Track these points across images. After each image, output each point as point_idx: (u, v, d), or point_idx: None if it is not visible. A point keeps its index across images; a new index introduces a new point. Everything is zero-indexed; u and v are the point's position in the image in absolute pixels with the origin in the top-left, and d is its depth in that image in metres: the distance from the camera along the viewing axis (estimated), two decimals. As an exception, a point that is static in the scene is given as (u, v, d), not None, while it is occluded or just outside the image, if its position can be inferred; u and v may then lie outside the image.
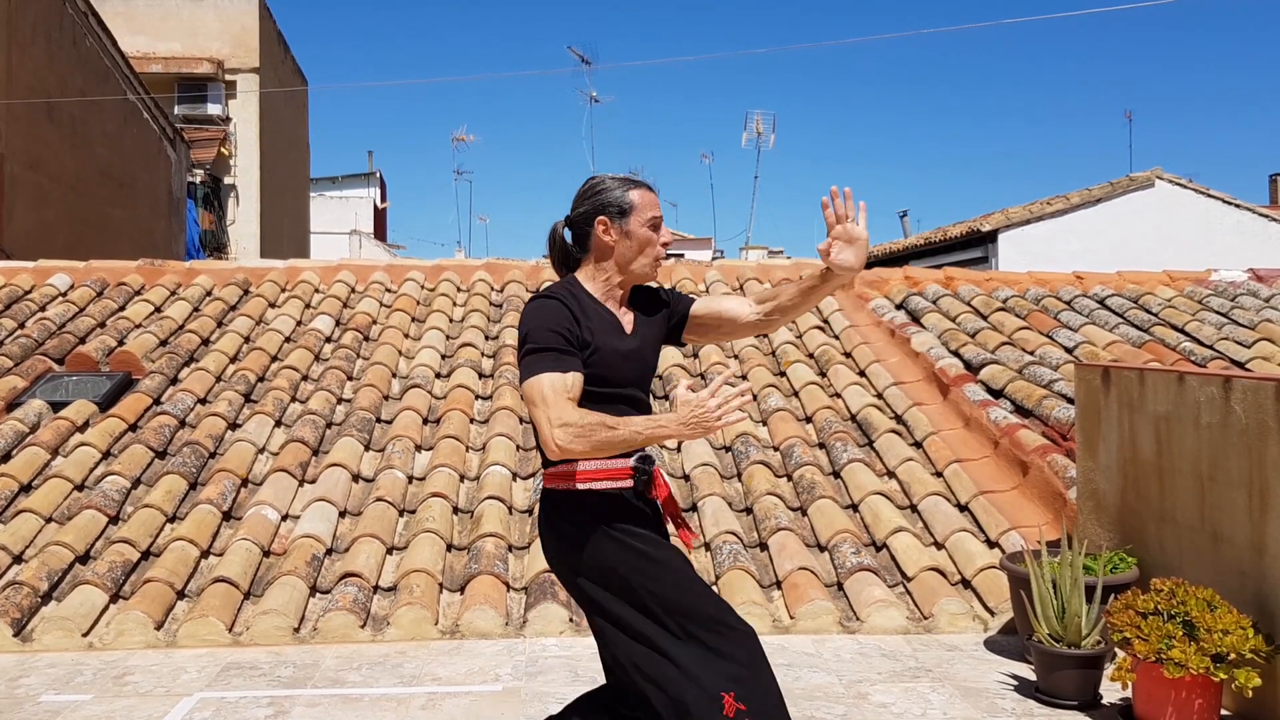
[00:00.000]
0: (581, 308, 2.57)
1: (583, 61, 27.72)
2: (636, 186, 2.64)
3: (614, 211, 2.61)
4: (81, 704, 3.87)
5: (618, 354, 2.58)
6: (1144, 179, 15.59)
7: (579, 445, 2.41)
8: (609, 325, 2.60)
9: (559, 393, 2.45)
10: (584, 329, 2.54)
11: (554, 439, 2.41)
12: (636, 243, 2.61)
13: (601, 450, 2.43)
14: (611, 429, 2.40)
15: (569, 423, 2.41)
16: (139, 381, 7.13)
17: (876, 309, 8.41)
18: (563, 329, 2.51)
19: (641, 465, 2.56)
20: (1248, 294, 8.74)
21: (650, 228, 2.63)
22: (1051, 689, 3.82)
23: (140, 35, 23.30)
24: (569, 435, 2.40)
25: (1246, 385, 3.66)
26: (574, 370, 2.49)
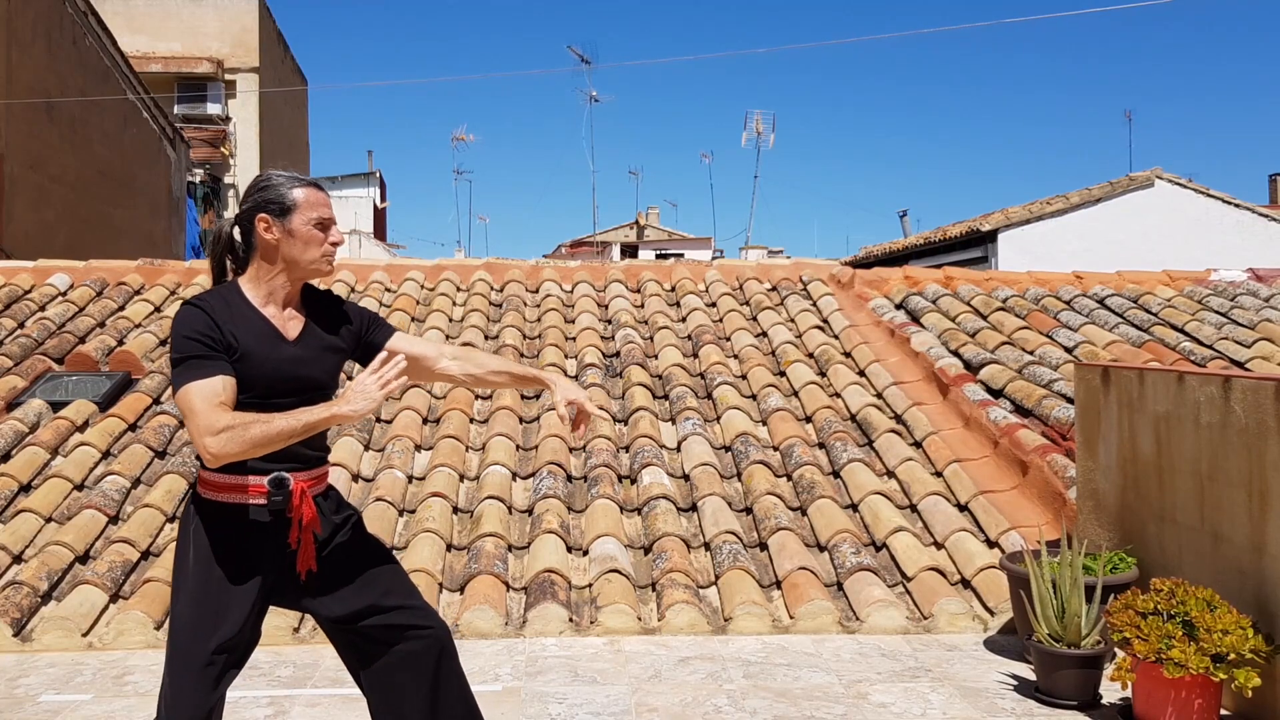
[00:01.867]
0: (231, 313, 2.50)
1: (583, 61, 27.74)
2: (303, 185, 2.57)
3: (275, 209, 2.53)
4: (81, 704, 3.87)
5: (269, 361, 2.49)
6: (1144, 179, 15.59)
7: (234, 447, 2.35)
8: (262, 332, 2.52)
9: (207, 399, 2.37)
10: (227, 334, 2.45)
11: (207, 448, 2.35)
12: (300, 240, 2.53)
13: (261, 446, 2.36)
14: (266, 421, 2.35)
15: (220, 427, 2.34)
16: (139, 381, 7.13)
17: (876, 309, 8.41)
18: (201, 335, 2.43)
19: (275, 488, 2.48)
20: (1247, 294, 8.73)
21: (316, 226, 2.55)
22: (1051, 689, 3.82)
23: (140, 35, 23.31)
24: (221, 441, 2.34)
25: (1246, 385, 3.66)
26: (221, 374, 2.41)
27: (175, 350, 2.44)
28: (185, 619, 2.48)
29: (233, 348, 2.45)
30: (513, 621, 4.67)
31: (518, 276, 9.26)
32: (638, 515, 5.60)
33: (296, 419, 2.38)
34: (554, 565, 4.92)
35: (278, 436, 2.37)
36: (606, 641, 4.51)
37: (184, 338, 2.43)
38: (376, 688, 2.68)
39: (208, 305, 2.48)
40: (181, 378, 2.41)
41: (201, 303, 2.49)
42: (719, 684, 4.01)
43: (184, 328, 2.44)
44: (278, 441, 2.38)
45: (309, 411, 2.40)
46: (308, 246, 2.55)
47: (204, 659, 2.45)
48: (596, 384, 7.04)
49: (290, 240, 2.53)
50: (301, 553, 2.52)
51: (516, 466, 6.05)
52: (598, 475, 5.82)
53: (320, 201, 2.58)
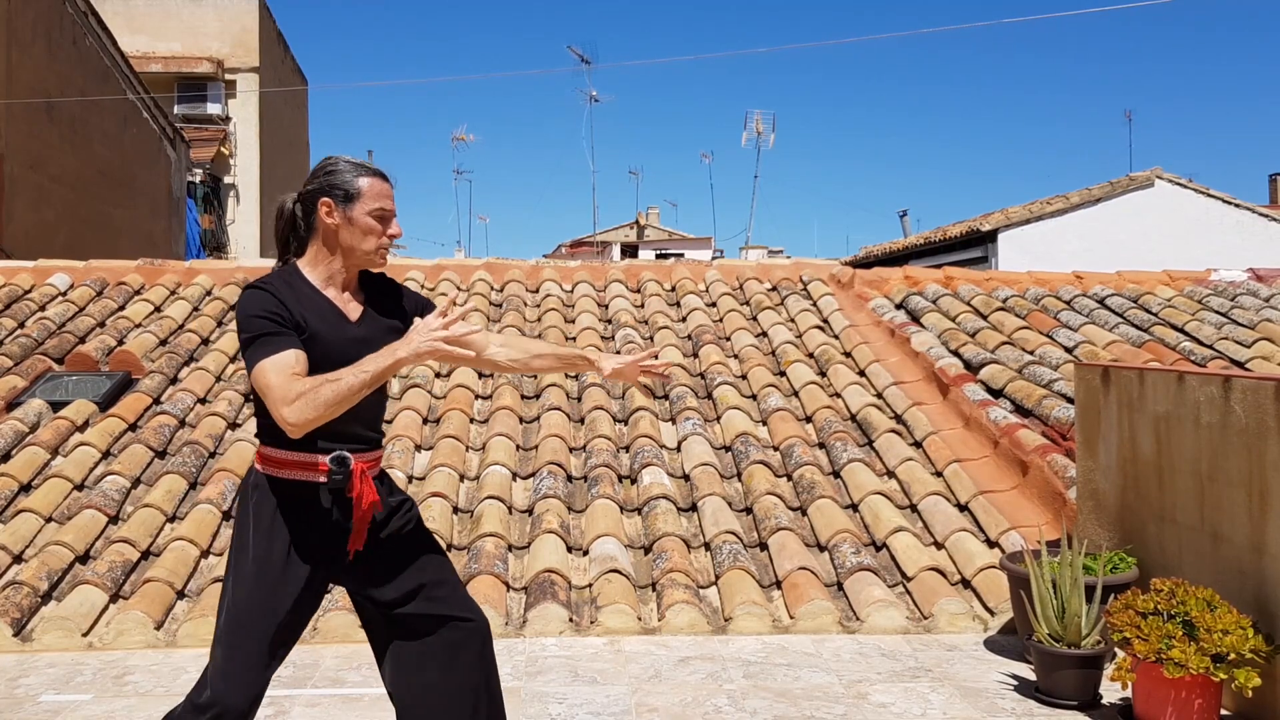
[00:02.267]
0: (295, 295, 2.51)
1: (583, 61, 27.75)
2: (369, 174, 2.57)
3: (339, 195, 2.54)
4: (81, 704, 3.87)
5: (337, 341, 2.50)
6: (1144, 179, 15.59)
7: (311, 412, 2.34)
8: (327, 312, 2.54)
9: (282, 372, 2.37)
10: (296, 315, 2.46)
11: (285, 419, 2.35)
12: (359, 230, 2.54)
13: (335, 405, 2.35)
14: (335, 379, 2.35)
15: (293, 395, 2.34)
16: (139, 381, 7.13)
17: (876, 309, 8.41)
18: (269, 313, 2.43)
19: (335, 465, 2.49)
20: (1247, 294, 8.73)
21: (376, 218, 2.55)
22: (1051, 689, 3.82)
23: (140, 35, 23.31)
24: (297, 408, 2.34)
25: (1246, 385, 3.66)
26: (293, 347, 2.41)
27: (244, 330, 2.45)
28: (244, 595, 2.49)
29: (301, 327, 2.46)
30: (513, 621, 4.67)
31: (518, 276, 9.26)
32: (638, 515, 5.60)
33: (363, 369, 2.37)
34: (554, 565, 4.92)
35: (349, 391, 2.35)
36: (606, 641, 4.52)
37: (251, 317, 2.44)
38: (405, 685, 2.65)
39: (272, 286, 2.50)
40: (254, 356, 2.41)
41: (266, 284, 2.51)
42: (719, 684, 4.01)
43: (251, 307, 2.45)
44: (350, 397, 2.36)
45: (372, 360, 2.38)
46: (366, 236, 2.55)
47: (263, 635, 2.47)
48: (597, 384, 7.05)
49: (350, 228, 2.54)
50: (355, 533, 2.53)
51: (516, 466, 6.05)
52: (598, 475, 5.82)
53: (383, 193, 2.57)
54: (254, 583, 2.49)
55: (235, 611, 2.50)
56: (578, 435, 6.50)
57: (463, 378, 7.13)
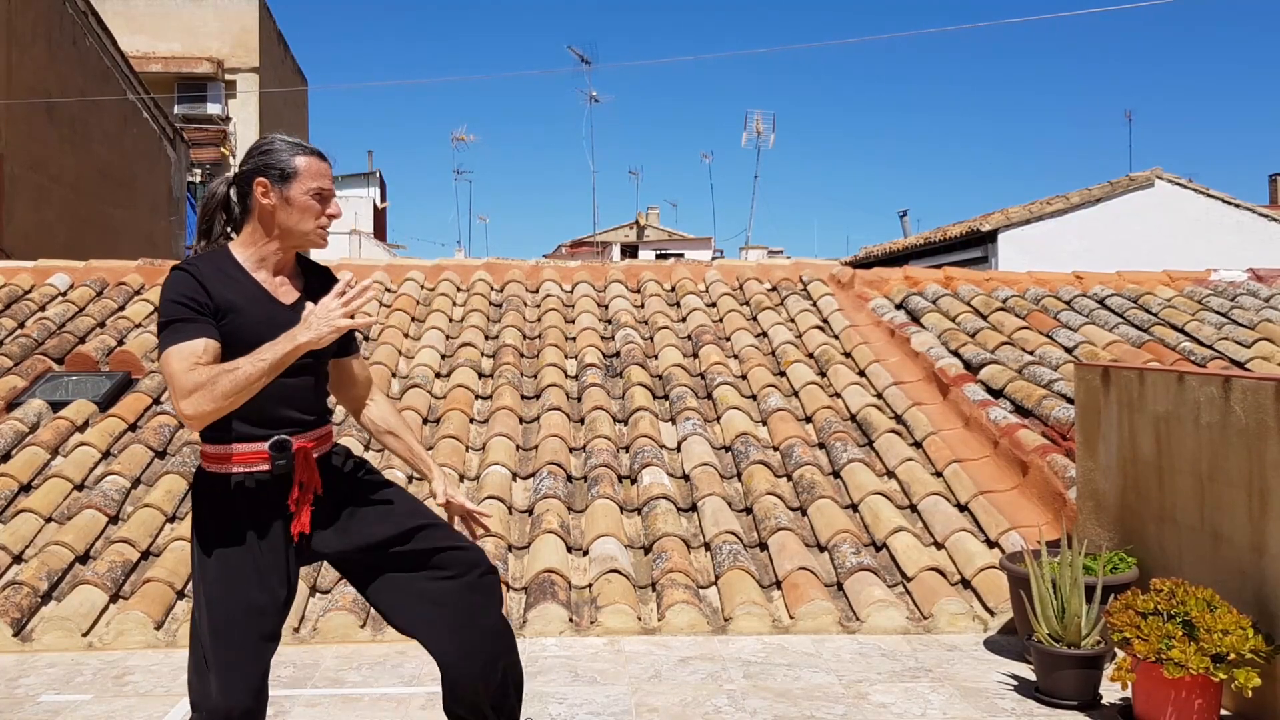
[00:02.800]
0: (221, 277, 2.47)
1: (583, 61, 27.74)
2: (306, 153, 2.52)
3: (275, 174, 2.49)
4: (81, 704, 3.87)
5: (262, 324, 2.43)
6: (1144, 179, 15.60)
7: (208, 404, 2.31)
8: (254, 295, 2.49)
9: (185, 360, 2.34)
10: (215, 296, 2.42)
11: (182, 410, 2.33)
12: (296, 209, 2.49)
13: (233, 395, 2.32)
14: (232, 369, 2.32)
15: (191, 387, 2.31)
16: (139, 381, 7.13)
17: (876, 309, 8.41)
18: (187, 298, 2.40)
19: (277, 452, 2.46)
20: (1247, 294, 8.73)
21: (314, 196, 2.50)
22: (1051, 689, 3.82)
23: (140, 35, 23.31)
24: (194, 400, 2.31)
25: (1246, 385, 3.66)
26: (204, 335, 2.37)
27: (161, 315, 2.42)
28: (216, 597, 2.46)
29: (220, 311, 2.42)
30: (512, 621, 4.66)
31: (518, 276, 9.26)
32: (638, 515, 5.60)
33: (260, 357, 2.33)
34: (554, 565, 4.92)
35: (247, 381, 2.32)
36: (606, 641, 4.52)
37: (169, 301, 2.41)
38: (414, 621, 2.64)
39: (196, 269, 2.45)
40: (164, 342, 2.38)
41: (190, 266, 2.46)
42: (719, 684, 4.01)
43: (170, 291, 2.42)
44: (249, 386, 2.33)
45: (269, 347, 2.34)
46: (304, 216, 2.51)
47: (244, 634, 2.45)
48: (596, 384, 7.05)
49: (287, 208, 2.50)
50: (297, 515, 2.50)
51: (516, 466, 6.05)
52: (598, 475, 5.82)
53: (321, 171, 2.53)
54: (224, 587, 2.46)
55: (214, 620, 2.45)
56: (578, 435, 6.50)
57: (462, 378, 7.13)
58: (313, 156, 2.53)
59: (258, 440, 2.46)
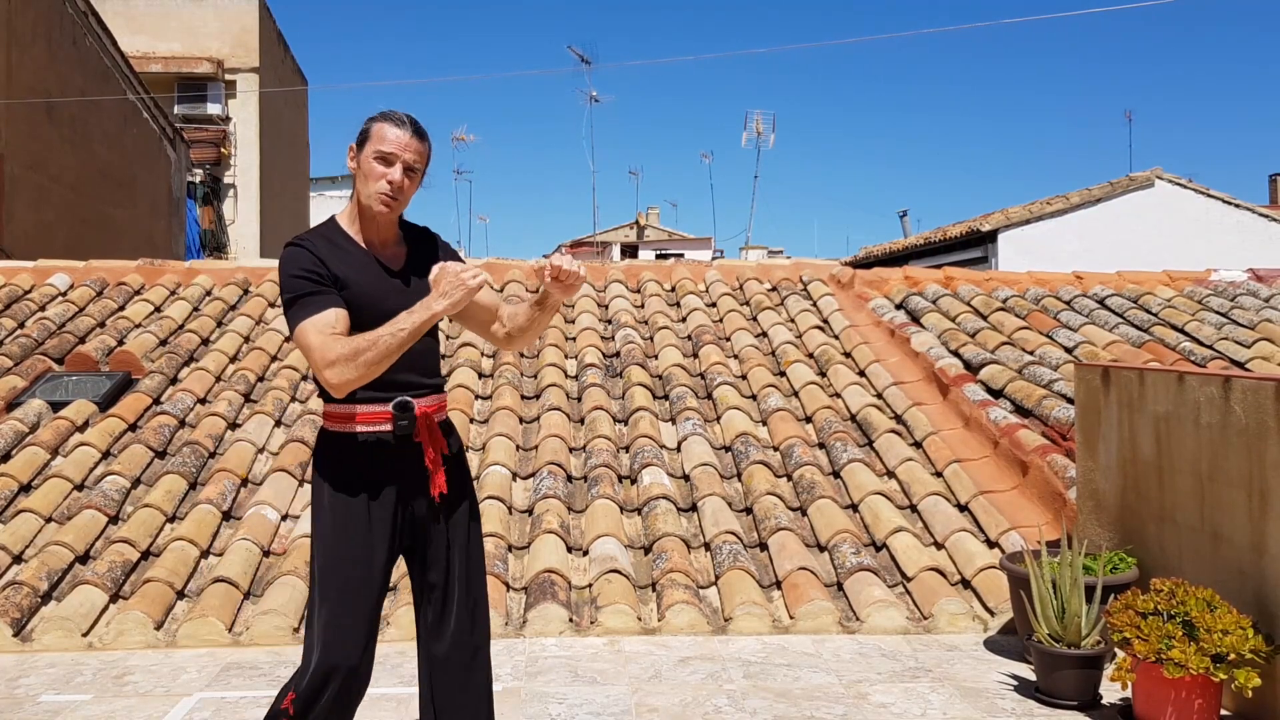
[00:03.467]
0: (332, 248, 2.52)
1: (583, 61, 27.74)
2: (388, 120, 2.54)
3: (358, 140, 2.55)
4: (81, 704, 3.87)
5: (376, 292, 2.51)
6: (1144, 179, 15.60)
7: (352, 372, 2.37)
8: (364, 264, 2.54)
9: (322, 332, 2.40)
10: (332, 268, 2.47)
11: (329, 380, 2.39)
12: (364, 174, 2.53)
13: (378, 363, 2.38)
14: (373, 338, 2.37)
15: (334, 356, 2.37)
16: (139, 381, 7.13)
17: (876, 309, 8.41)
18: (307, 271, 2.45)
19: (399, 412, 2.51)
20: (1247, 294, 8.73)
21: (378, 160, 2.51)
22: (1051, 689, 3.82)
23: (140, 35, 23.29)
24: (338, 370, 2.37)
25: (1246, 385, 3.66)
26: (333, 306, 2.44)
27: (285, 291, 2.47)
28: (332, 554, 2.51)
29: (340, 281, 2.47)
30: (513, 622, 4.66)
31: (518, 277, 9.26)
32: (638, 515, 5.60)
33: (398, 326, 2.38)
34: (554, 565, 4.92)
35: (386, 350, 2.37)
36: (606, 642, 4.51)
37: (291, 277, 2.46)
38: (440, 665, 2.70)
39: (309, 243, 2.51)
40: (296, 317, 2.44)
41: (303, 241, 2.52)
42: (719, 684, 4.01)
43: (290, 267, 2.47)
44: (389, 355, 2.39)
45: (406, 316, 2.40)
46: (368, 180, 2.53)
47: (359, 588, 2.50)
48: (597, 384, 7.05)
49: (360, 173, 2.55)
50: (434, 475, 2.56)
51: (516, 466, 6.05)
52: (598, 475, 5.82)
53: (388, 137, 2.52)
54: (338, 539, 2.51)
55: (326, 573, 2.51)
56: (577, 435, 6.50)
57: (462, 378, 7.13)
58: (388, 123, 2.53)
59: (380, 402, 2.51)
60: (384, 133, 2.52)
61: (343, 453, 2.53)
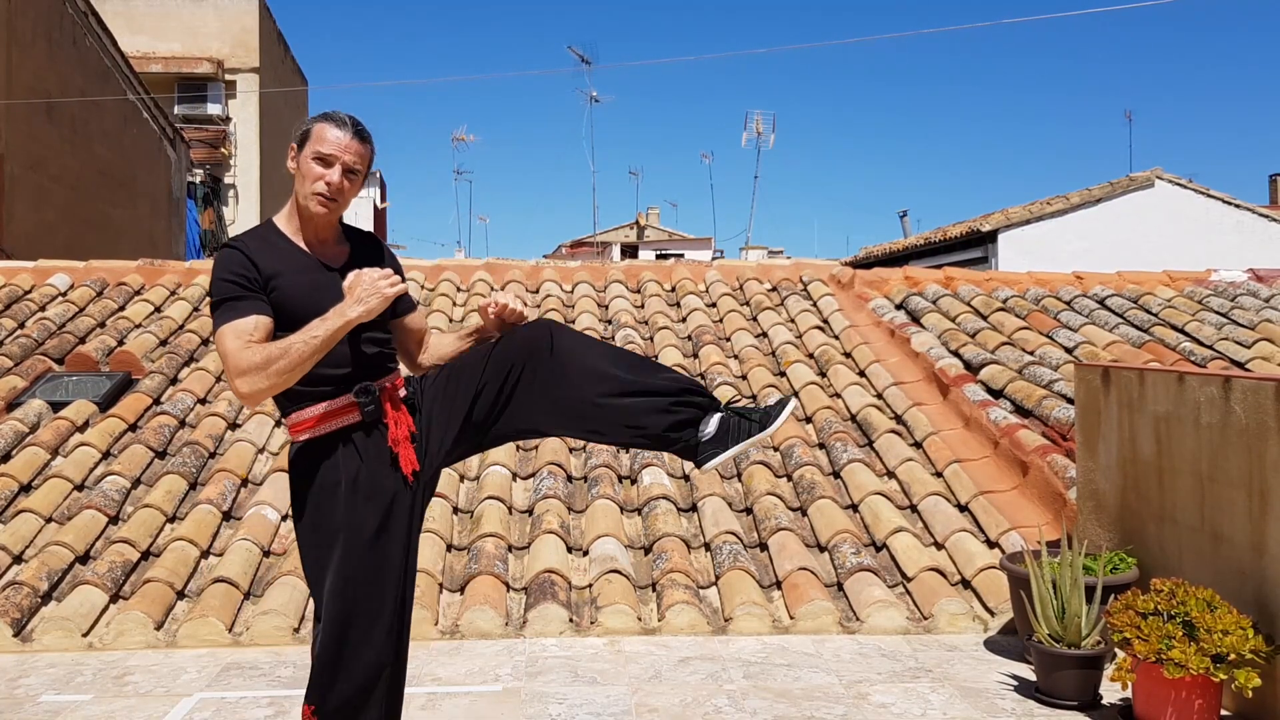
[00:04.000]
0: (268, 248, 2.48)
1: (583, 61, 27.74)
2: (329, 121, 2.49)
3: (298, 139, 2.51)
4: (81, 704, 3.87)
5: (311, 290, 2.44)
6: (1144, 179, 15.59)
7: (264, 381, 2.33)
8: (298, 262, 2.49)
9: (239, 338, 2.36)
10: (262, 268, 2.43)
11: (239, 389, 2.35)
12: (303, 173, 2.48)
13: (291, 370, 2.33)
14: (285, 346, 2.33)
15: (245, 365, 2.32)
16: (139, 381, 7.13)
17: (876, 309, 8.41)
18: (235, 274, 2.41)
19: (363, 398, 2.46)
20: (1248, 294, 8.73)
21: (317, 161, 2.46)
22: (1051, 689, 3.82)
23: (140, 35, 23.30)
24: (249, 380, 2.32)
25: (1246, 385, 3.66)
26: (255, 313, 2.39)
27: (212, 293, 2.43)
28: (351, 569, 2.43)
29: (268, 280, 2.43)
30: (513, 622, 4.66)
31: (518, 277, 9.26)
32: (638, 515, 5.60)
33: (311, 333, 2.34)
34: (554, 565, 4.92)
35: (300, 358, 2.33)
36: (606, 642, 4.51)
37: (219, 280, 2.43)
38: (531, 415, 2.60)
39: (243, 244, 2.47)
40: (217, 321, 2.40)
41: (237, 242, 2.49)
42: (719, 684, 4.01)
43: (220, 270, 2.43)
44: (303, 362, 2.35)
45: (320, 323, 2.36)
46: (305, 180, 2.49)
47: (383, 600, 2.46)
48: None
49: (298, 173, 2.51)
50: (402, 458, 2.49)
51: (516, 467, 6.05)
52: (598, 475, 5.82)
53: (328, 138, 2.47)
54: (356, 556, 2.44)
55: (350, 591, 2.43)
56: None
57: (463, 378, 7.12)
58: (330, 124, 2.49)
59: (342, 394, 2.47)
60: (324, 133, 2.47)
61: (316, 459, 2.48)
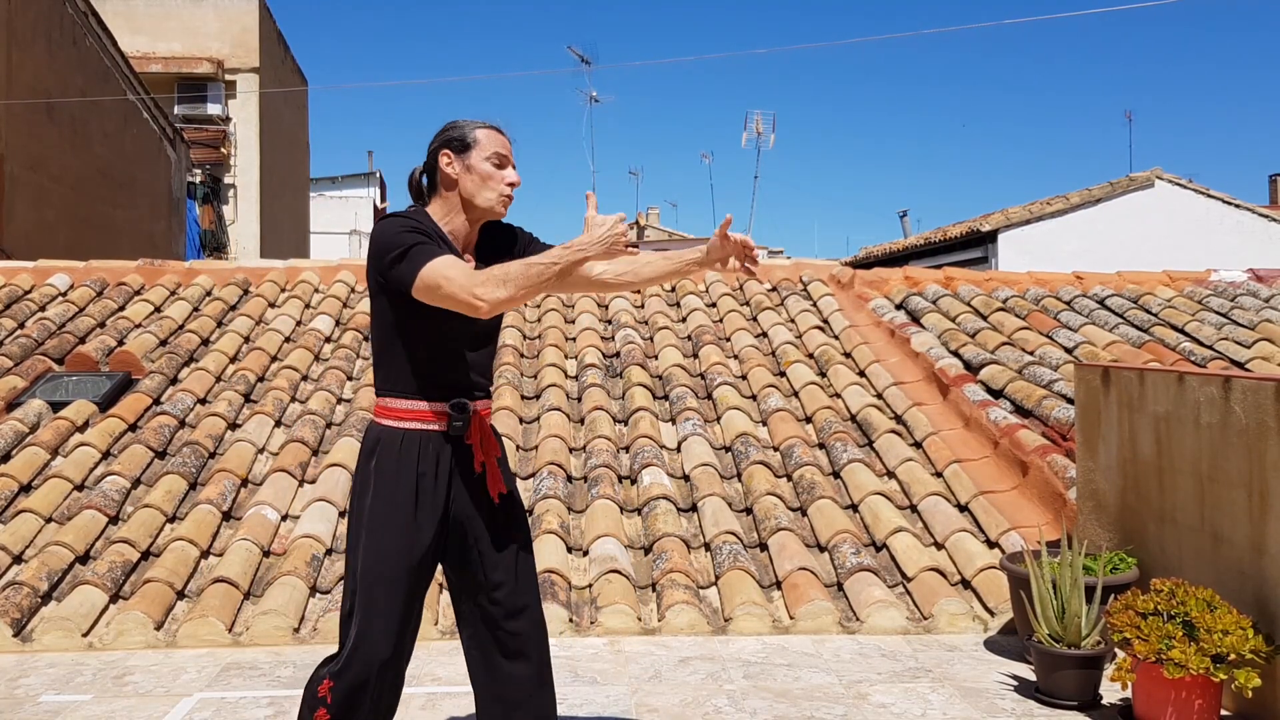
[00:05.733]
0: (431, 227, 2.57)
1: (583, 61, 27.73)
2: (486, 127, 2.64)
3: (457, 145, 2.61)
4: (81, 704, 3.87)
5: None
6: (1144, 179, 15.59)
7: (503, 291, 2.37)
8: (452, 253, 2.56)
9: (454, 265, 2.42)
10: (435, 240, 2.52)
11: (481, 298, 2.37)
12: (478, 176, 2.60)
13: (527, 288, 2.39)
14: (524, 265, 2.40)
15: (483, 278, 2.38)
16: (139, 381, 7.13)
17: (876, 309, 8.41)
18: (419, 230, 2.49)
19: (455, 412, 2.52)
20: (1247, 294, 8.74)
21: (494, 164, 2.61)
22: (1051, 689, 3.82)
23: (140, 35, 23.30)
24: (488, 288, 2.37)
25: (1246, 385, 3.66)
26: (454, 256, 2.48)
27: (395, 246, 2.45)
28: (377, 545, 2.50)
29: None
30: (513, 622, 4.66)
31: (518, 277, 9.25)
32: (638, 515, 5.60)
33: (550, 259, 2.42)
34: (554, 565, 4.92)
35: (537, 278, 2.40)
36: (606, 642, 4.52)
37: (401, 233, 2.48)
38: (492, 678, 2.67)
39: (412, 218, 2.55)
40: (416, 261, 2.42)
41: (407, 214, 2.56)
42: (719, 684, 4.01)
43: (397, 227, 2.50)
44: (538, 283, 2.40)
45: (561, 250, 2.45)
46: (485, 183, 2.60)
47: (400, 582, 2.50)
48: (597, 384, 7.05)
49: (468, 175, 2.60)
50: (490, 476, 2.57)
51: (516, 467, 6.05)
52: (598, 475, 5.82)
53: (498, 141, 2.63)
54: (385, 532, 2.50)
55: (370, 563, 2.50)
56: (577, 436, 6.50)
57: (463, 378, 7.12)
58: (491, 130, 2.64)
59: (437, 400, 2.53)
60: (493, 137, 2.62)
61: (392, 447, 2.54)
